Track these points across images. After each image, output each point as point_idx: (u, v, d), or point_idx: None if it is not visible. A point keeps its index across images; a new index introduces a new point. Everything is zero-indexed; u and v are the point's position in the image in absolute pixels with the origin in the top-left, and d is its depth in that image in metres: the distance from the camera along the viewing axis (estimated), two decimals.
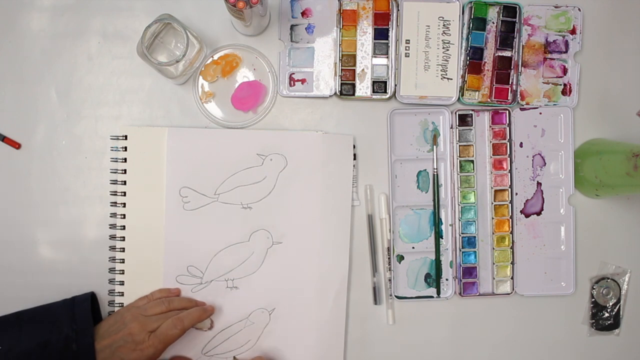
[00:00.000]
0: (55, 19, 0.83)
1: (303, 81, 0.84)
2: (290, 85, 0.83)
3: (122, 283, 0.81)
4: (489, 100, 0.84)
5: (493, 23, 0.84)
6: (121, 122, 0.83)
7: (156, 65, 0.75)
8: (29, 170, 0.82)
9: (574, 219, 0.85)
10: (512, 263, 0.84)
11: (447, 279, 0.84)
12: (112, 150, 0.82)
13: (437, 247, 0.83)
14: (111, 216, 0.81)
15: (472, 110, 0.84)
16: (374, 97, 0.84)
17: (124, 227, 0.81)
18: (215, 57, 0.83)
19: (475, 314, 0.84)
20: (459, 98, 0.84)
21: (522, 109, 0.84)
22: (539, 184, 0.85)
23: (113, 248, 0.81)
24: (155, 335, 0.73)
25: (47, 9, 0.83)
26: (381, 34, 0.84)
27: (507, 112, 0.84)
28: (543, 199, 0.85)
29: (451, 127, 0.84)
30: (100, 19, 0.83)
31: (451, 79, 0.84)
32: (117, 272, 0.81)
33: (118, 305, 0.81)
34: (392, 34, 0.84)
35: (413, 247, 0.84)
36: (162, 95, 0.83)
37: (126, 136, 0.82)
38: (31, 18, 0.82)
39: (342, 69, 0.83)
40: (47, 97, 0.82)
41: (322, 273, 0.82)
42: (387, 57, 0.84)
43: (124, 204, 0.81)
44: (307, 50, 0.84)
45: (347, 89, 0.84)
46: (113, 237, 0.81)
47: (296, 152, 0.82)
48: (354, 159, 0.83)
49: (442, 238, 0.84)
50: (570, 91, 0.85)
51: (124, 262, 0.81)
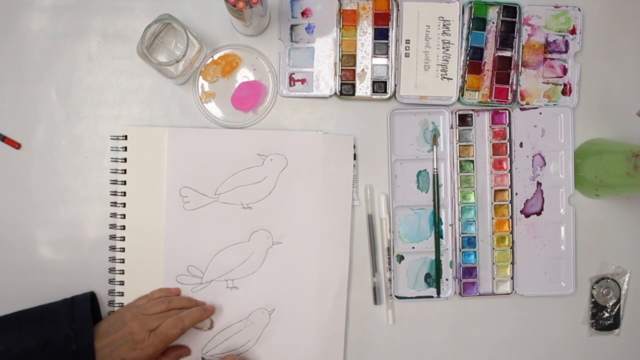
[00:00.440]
0: (55, 19, 0.83)
1: (303, 81, 0.84)
2: (290, 85, 0.83)
3: (122, 283, 0.81)
4: (489, 100, 0.84)
5: (493, 23, 0.84)
6: (121, 122, 0.83)
7: (156, 65, 0.75)
8: (29, 170, 0.82)
9: (574, 219, 0.85)
10: (512, 263, 0.84)
11: (447, 279, 0.84)
12: (112, 150, 0.82)
13: (437, 247, 0.83)
14: (111, 216, 0.81)
15: (472, 110, 0.84)
16: (374, 97, 0.84)
17: (124, 227, 0.81)
18: (215, 57, 0.83)
19: (475, 314, 0.84)
20: (459, 98, 0.84)
21: (522, 109, 0.84)
22: (539, 184, 0.85)
23: (113, 248, 0.81)
24: (155, 335, 0.73)
25: (47, 9, 0.83)
26: (381, 34, 0.84)
27: (507, 112, 0.84)
28: (543, 199, 0.85)
29: (451, 127, 0.84)
30: (100, 19, 0.83)
31: (451, 79, 0.84)
32: (117, 272, 0.81)
33: (118, 305, 0.81)
34: (392, 34, 0.84)
35: (413, 247, 0.84)
36: (162, 95, 0.83)
37: (126, 136, 0.82)
38: (31, 18, 0.83)
39: (342, 69, 0.83)
40: (47, 97, 0.82)
41: (322, 273, 0.82)
42: (387, 57, 0.84)
43: (124, 204, 0.81)
44: (307, 50, 0.84)
45: (347, 89, 0.84)
46: (113, 237, 0.81)
47: (296, 152, 0.82)
48: (354, 159, 0.83)
49: (442, 238, 0.84)
50: (570, 91, 0.85)
51: (124, 262, 0.81)
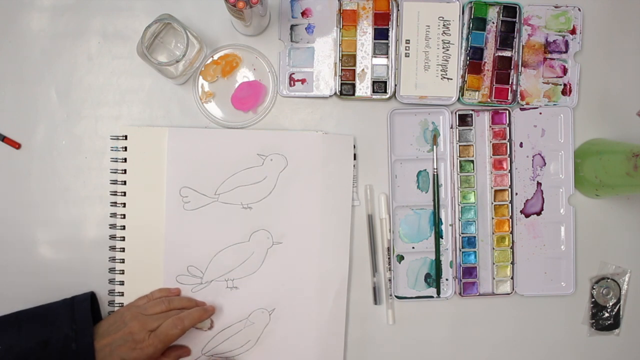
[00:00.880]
0: (55, 19, 0.83)
1: (303, 81, 0.84)
2: (290, 85, 0.83)
3: (122, 283, 0.81)
4: (489, 100, 0.84)
5: (493, 23, 0.84)
6: (121, 122, 0.83)
7: (156, 65, 0.75)
8: (29, 170, 0.82)
9: (574, 219, 0.85)
10: (512, 263, 0.84)
11: (447, 279, 0.84)
12: (112, 150, 0.82)
13: (437, 247, 0.83)
14: (111, 216, 0.81)
15: (472, 110, 0.84)
16: (374, 97, 0.84)
17: (124, 227, 0.81)
18: (215, 57, 0.83)
19: (475, 314, 0.84)
20: (459, 98, 0.84)
21: (522, 109, 0.84)
22: (539, 184, 0.85)
23: (113, 248, 0.81)
24: (155, 335, 0.73)
25: (47, 9, 0.83)
26: (381, 34, 0.84)
27: (507, 112, 0.84)
28: (543, 199, 0.85)
29: (451, 127, 0.84)
30: (100, 19, 0.83)
31: (451, 79, 0.84)
32: (117, 272, 0.81)
33: (118, 305, 0.81)
34: (392, 34, 0.84)
35: (413, 247, 0.84)
36: (162, 95, 0.83)
37: (126, 136, 0.82)
38: (31, 18, 0.83)
39: (342, 69, 0.83)
40: (47, 97, 0.82)
41: (322, 273, 0.82)
42: (387, 57, 0.84)
43: (124, 204, 0.81)
44: (307, 50, 0.84)
45: (347, 89, 0.84)
46: (113, 237, 0.81)
47: (296, 152, 0.82)
48: (354, 159, 0.83)
49: (442, 238, 0.84)
50: (570, 91, 0.85)
51: (124, 262, 0.81)
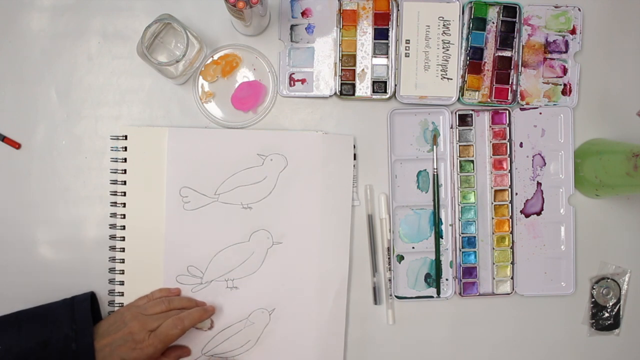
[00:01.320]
0: (55, 19, 0.83)
1: (303, 81, 0.84)
2: (290, 85, 0.83)
3: (122, 283, 0.81)
4: (489, 100, 0.84)
5: (493, 23, 0.84)
6: (121, 122, 0.83)
7: (156, 65, 0.75)
8: (29, 170, 0.82)
9: (574, 219, 0.85)
10: (512, 263, 0.84)
11: (447, 279, 0.84)
12: (112, 150, 0.82)
13: (437, 247, 0.83)
14: (111, 216, 0.81)
15: (472, 110, 0.84)
16: (374, 97, 0.84)
17: (124, 227, 0.81)
18: (215, 57, 0.83)
19: (475, 314, 0.84)
20: (459, 98, 0.84)
21: (522, 109, 0.84)
22: (539, 184, 0.85)
23: (113, 248, 0.81)
24: (155, 335, 0.73)
25: (47, 9, 0.83)
26: (381, 34, 0.84)
27: (507, 112, 0.84)
28: (543, 199, 0.85)
29: (451, 127, 0.84)
30: (100, 19, 0.83)
31: (451, 79, 0.84)
32: (117, 272, 0.81)
33: (118, 305, 0.81)
34: (392, 34, 0.84)
35: (413, 247, 0.84)
36: (162, 95, 0.83)
37: (126, 136, 0.82)
38: (31, 18, 0.83)
39: (342, 69, 0.83)
40: (47, 97, 0.82)
41: (322, 273, 0.82)
42: (387, 57, 0.84)
43: (124, 204, 0.81)
44: (307, 50, 0.84)
45: (347, 89, 0.84)
46: (113, 237, 0.81)
47: (296, 152, 0.82)
48: (354, 159, 0.83)
49: (442, 238, 0.84)
50: (570, 91, 0.85)
51: (124, 262, 0.81)
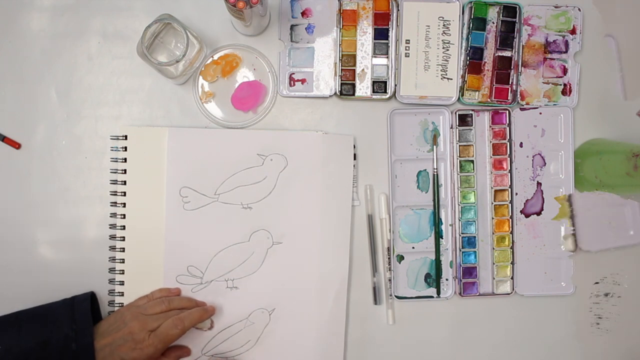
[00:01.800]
0: (55, 19, 0.83)
1: (303, 81, 0.84)
2: (290, 85, 0.83)
3: (122, 283, 0.81)
4: (489, 100, 0.84)
5: (493, 23, 0.84)
6: (121, 122, 0.83)
7: (156, 65, 0.75)
8: (29, 170, 0.82)
9: None
10: (512, 263, 0.84)
11: (447, 279, 0.84)
12: (112, 150, 0.82)
13: (437, 247, 0.83)
14: (111, 216, 0.81)
15: (472, 110, 0.84)
16: (374, 97, 0.84)
17: (124, 227, 0.81)
18: (215, 57, 0.83)
19: (475, 314, 0.84)
20: (459, 98, 0.84)
21: (522, 109, 0.84)
22: (539, 184, 0.85)
23: (113, 248, 0.81)
24: (155, 335, 0.73)
25: (47, 9, 0.83)
26: (381, 34, 0.84)
27: (507, 112, 0.84)
28: (543, 199, 0.85)
29: (451, 127, 0.84)
30: (100, 19, 0.83)
31: (451, 79, 0.84)
32: (117, 272, 0.81)
33: (118, 305, 0.81)
34: (392, 34, 0.84)
35: (413, 247, 0.84)
36: (162, 95, 0.83)
37: (126, 136, 0.82)
38: (31, 18, 0.83)
39: (342, 69, 0.83)
40: (47, 97, 0.82)
41: (322, 273, 0.82)
42: (387, 57, 0.84)
43: (124, 204, 0.81)
44: (307, 50, 0.84)
45: (347, 89, 0.84)
46: (113, 237, 0.81)
47: (296, 152, 0.82)
48: (354, 159, 0.83)
49: (442, 238, 0.84)
50: (570, 91, 0.85)
51: (124, 262, 0.81)
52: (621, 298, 0.85)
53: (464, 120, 0.84)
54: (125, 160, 0.81)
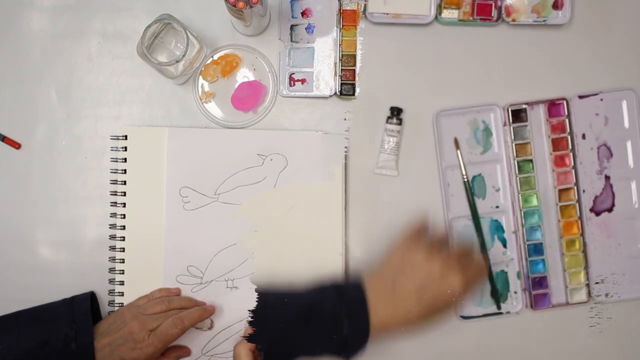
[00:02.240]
0: (55, 19, 0.83)
1: (303, 81, 0.84)
2: (290, 85, 0.83)
3: (122, 283, 0.81)
4: (470, 18, 0.78)
5: None
6: (121, 122, 0.83)
7: (156, 65, 0.75)
8: (29, 170, 0.82)
9: None
10: (586, 268, 0.78)
11: (515, 292, 0.78)
12: (112, 150, 0.82)
13: (486, 259, 0.77)
14: (111, 216, 0.81)
15: (525, 104, 0.78)
16: None
17: (124, 227, 0.81)
18: (215, 57, 0.83)
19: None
20: (436, 17, 0.78)
21: (580, 97, 0.78)
22: (607, 177, 0.79)
23: (113, 248, 0.81)
24: (155, 335, 0.73)
25: (47, 9, 0.83)
26: None
27: (565, 101, 0.78)
28: (613, 193, 0.79)
29: (504, 125, 0.79)
30: (100, 19, 0.83)
31: None
32: (117, 272, 0.81)
33: (118, 305, 0.81)
34: None
35: None
36: (162, 95, 0.83)
37: (126, 136, 0.82)
38: (31, 18, 0.83)
39: (342, 69, 0.83)
40: (47, 97, 0.82)
41: (317, 273, 0.81)
42: None
43: (124, 204, 0.81)
44: (307, 50, 0.84)
45: (347, 89, 0.84)
46: (113, 237, 0.81)
47: (296, 152, 0.82)
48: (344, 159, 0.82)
49: (505, 247, 0.79)
50: (562, 4, 0.77)
51: (124, 262, 0.81)
52: None
53: (517, 115, 0.78)
54: (125, 160, 0.81)
